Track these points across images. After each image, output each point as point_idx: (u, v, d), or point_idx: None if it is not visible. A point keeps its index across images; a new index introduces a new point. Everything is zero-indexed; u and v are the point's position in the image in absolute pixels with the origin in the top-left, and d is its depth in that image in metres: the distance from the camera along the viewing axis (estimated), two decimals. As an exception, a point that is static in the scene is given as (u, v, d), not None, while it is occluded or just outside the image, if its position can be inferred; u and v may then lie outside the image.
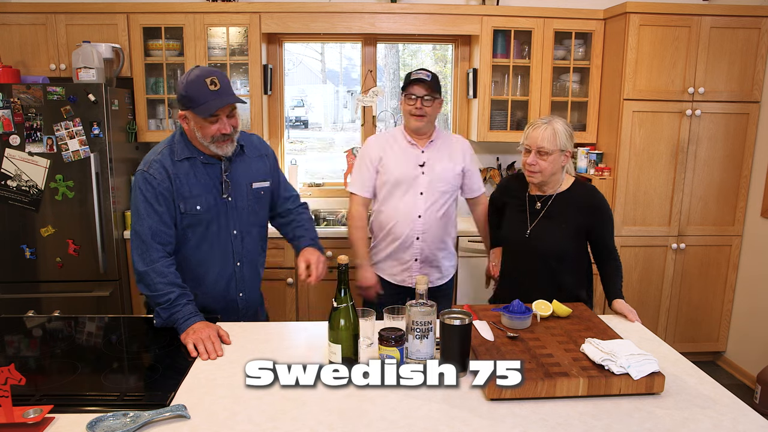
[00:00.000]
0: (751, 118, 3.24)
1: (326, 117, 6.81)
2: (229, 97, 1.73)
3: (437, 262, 2.43)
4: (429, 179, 2.33)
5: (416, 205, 2.33)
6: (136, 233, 1.76)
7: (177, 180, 1.78)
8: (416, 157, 2.35)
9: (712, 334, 3.49)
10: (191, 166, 1.81)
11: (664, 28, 3.12)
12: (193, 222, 1.82)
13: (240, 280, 1.95)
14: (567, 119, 3.45)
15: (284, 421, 1.25)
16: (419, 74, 2.29)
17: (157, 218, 1.75)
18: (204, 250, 1.87)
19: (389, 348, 1.44)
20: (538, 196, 2.07)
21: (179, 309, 1.69)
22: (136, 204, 1.78)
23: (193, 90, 1.70)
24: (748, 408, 1.33)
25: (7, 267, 3.00)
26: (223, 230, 1.88)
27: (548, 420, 1.26)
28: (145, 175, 1.77)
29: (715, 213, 3.34)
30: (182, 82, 1.73)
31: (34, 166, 2.92)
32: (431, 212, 2.34)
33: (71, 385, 1.42)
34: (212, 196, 1.84)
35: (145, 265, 1.73)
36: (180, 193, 1.79)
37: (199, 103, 1.70)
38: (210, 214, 1.84)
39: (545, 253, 2.02)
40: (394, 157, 2.35)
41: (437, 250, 2.40)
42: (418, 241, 2.35)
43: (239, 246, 1.92)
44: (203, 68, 1.76)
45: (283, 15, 3.27)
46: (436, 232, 2.37)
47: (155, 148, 1.85)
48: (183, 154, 1.81)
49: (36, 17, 3.19)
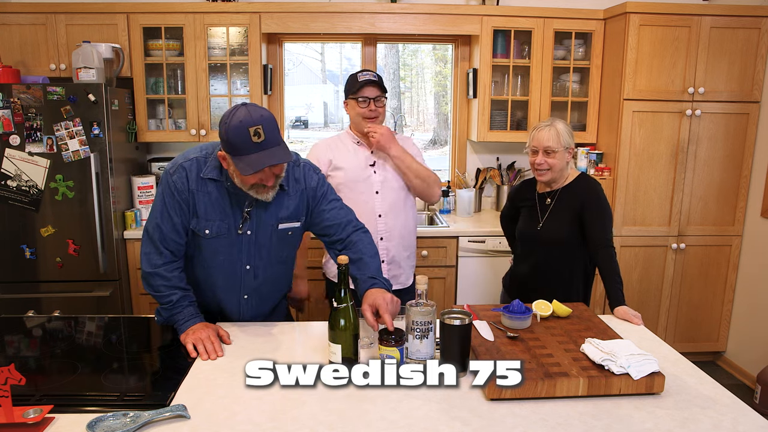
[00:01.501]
0: (751, 118, 3.24)
1: (326, 117, 6.81)
2: (276, 155, 1.53)
3: (404, 262, 2.38)
4: (382, 178, 2.30)
5: (374, 204, 2.29)
6: (148, 233, 1.71)
7: (196, 196, 1.67)
8: (366, 157, 2.32)
9: (712, 334, 3.49)
10: (215, 188, 1.68)
11: (664, 28, 3.12)
12: (199, 243, 1.73)
13: (245, 309, 1.85)
14: (567, 119, 3.46)
15: (284, 421, 1.25)
16: (366, 75, 2.25)
17: (170, 225, 1.68)
18: (208, 273, 1.78)
19: (389, 348, 1.44)
20: (547, 192, 2.23)
21: (180, 310, 1.69)
22: (155, 203, 1.72)
23: (235, 137, 1.51)
24: (748, 408, 1.33)
25: (7, 267, 3.00)
26: (235, 262, 1.75)
27: (548, 420, 1.26)
28: (169, 179, 1.67)
29: (715, 213, 3.34)
30: (224, 123, 1.54)
31: (34, 166, 2.92)
32: (391, 211, 2.31)
33: (71, 385, 1.42)
34: (226, 226, 1.70)
35: (150, 267, 1.70)
36: (195, 209, 1.68)
37: (240, 153, 1.52)
38: (219, 242, 1.72)
39: (551, 241, 2.18)
40: (343, 158, 2.31)
41: (403, 249, 2.36)
42: (383, 242, 2.30)
43: (250, 281, 1.79)
44: (249, 110, 1.53)
45: (283, 15, 3.27)
46: (401, 230, 2.33)
47: (189, 151, 1.72)
48: (211, 174, 1.67)
49: (36, 17, 3.19)
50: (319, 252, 2.93)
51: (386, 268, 2.34)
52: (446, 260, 3.23)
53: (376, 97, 2.26)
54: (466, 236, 3.22)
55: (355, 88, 2.26)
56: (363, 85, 2.24)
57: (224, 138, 1.55)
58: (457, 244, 3.22)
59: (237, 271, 1.77)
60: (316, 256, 3.16)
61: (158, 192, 1.72)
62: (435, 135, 5.47)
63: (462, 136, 3.81)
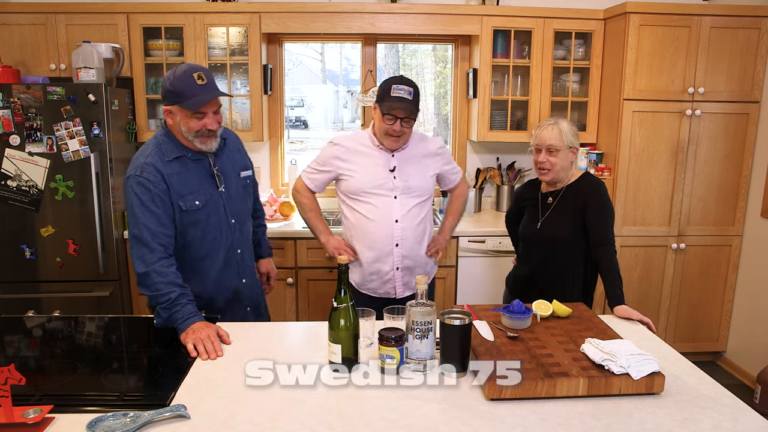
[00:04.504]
0: (751, 118, 3.24)
1: (326, 117, 6.80)
2: (215, 91, 1.80)
3: (419, 270, 2.31)
4: (401, 183, 2.21)
5: (392, 209, 2.21)
6: (135, 237, 1.76)
7: (171, 179, 1.81)
8: (386, 161, 2.22)
9: (712, 334, 3.49)
10: (182, 165, 1.84)
11: (664, 28, 3.12)
12: (194, 218, 1.85)
13: (242, 266, 2.01)
14: (567, 119, 3.45)
15: (284, 421, 1.25)
16: (400, 91, 2.08)
17: (155, 220, 1.76)
18: (207, 244, 1.90)
19: (389, 348, 1.44)
20: (550, 192, 2.23)
21: (179, 309, 1.69)
22: (131, 209, 1.78)
23: (181, 84, 1.75)
24: (748, 408, 1.33)
25: (7, 267, 3.00)
26: (222, 221, 1.93)
27: (548, 420, 1.26)
28: (138, 179, 1.78)
29: (715, 213, 3.34)
30: (169, 78, 1.78)
31: (34, 166, 2.92)
32: (408, 217, 2.23)
33: (71, 385, 1.42)
34: (207, 191, 1.88)
35: (145, 266, 1.73)
36: (177, 192, 1.81)
37: (186, 97, 1.75)
38: (209, 207, 1.88)
39: (551, 240, 2.17)
40: (363, 162, 2.22)
41: (417, 257, 2.29)
42: (398, 248, 2.23)
43: (238, 234, 1.98)
44: (189, 64, 1.82)
45: (283, 15, 3.27)
46: (415, 237, 2.26)
47: (142, 151, 1.86)
48: (172, 153, 1.84)
49: (36, 17, 3.19)
50: (319, 252, 2.94)
51: (399, 274, 2.26)
52: (446, 260, 3.23)
53: (404, 118, 2.11)
54: (466, 236, 3.22)
55: (386, 103, 2.09)
56: (394, 101, 2.08)
57: (170, 89, 1.77)
58: (457, 244, 3.22)
59: (228, 229, 1.95)
60: (316, 256, 3.17)
61: (129, 199, 1.79)
62: (435, 135, 5.47)
63: (462, 136, 3.81)
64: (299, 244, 3.16)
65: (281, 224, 3.28)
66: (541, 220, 2.21)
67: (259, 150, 3.71)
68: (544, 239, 2.19)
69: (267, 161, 3.74)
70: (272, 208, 3.40)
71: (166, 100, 1.80)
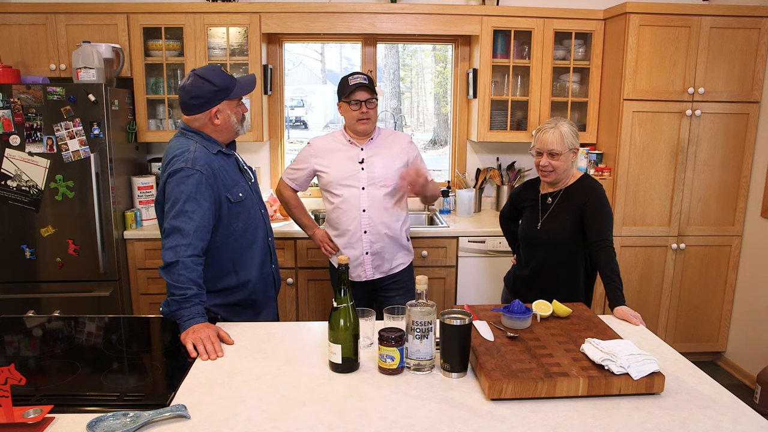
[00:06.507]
0: (751, 118, 3.24)
1: (326, 117, 6.81)
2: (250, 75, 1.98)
3: (388, 255, 2.51)
4: (369, 175, 2.44)
5: (359, 200, 2.43)
6: (175, 228, 1.75)
7: (219, 172, 1.88)
8: (356, 155, 2.46)
9: (712, 334, 3.49)
10: (222, 159, 1.93)
11: (664, 28, 3.12)
12: (238, 210, 1.94)
13: (273, 253, 2.13)
14: (567, 119, 3.45)
15: (284, 421, 1.25)
16: (357, 79, 2.38)
17: (201, 213, 1.79)
18: (250, 234, 1.99)
19: (389, 348, 1.44)
20: (549, 192, 2.24)
21: (189, 307, 1.70)
22: (177, 202, 1.77)
23: (222, 81, 1.85)
24: (748, 408, 1.33)
25: (7, 267, 3.00)
26: (257, 212, 2.04)
27: (548, 420, 1.26)
28: (190, 171, 1.79)
29: (715, 213, 3.34)
30: (207, 80, 1.84)
31: (34, 166, 2.92)
32: (375, 207, 2.44)
33: (71, 385, 1.42)
34: (244, 183, 2.00)
35: (176, 256, 1.73)
36: (224, 184, 1.89)
37: (232, 87, 1.87)
38: (249, 199, 1.99)
39: (550, 240, 2.19)
40: (335, 157, 2.48)
41: (386, 243, 2.48)
42: (366, 235, 2.45)
43: (268, 221, 2.12)
44: (207, 66, 1.91)
45: (283, 15, 3.27)
46: (382, 226, 2.45)
47: (186, 147, 1.86)
48: (214, 148, 1.91)
49: (36, 17, 3.19)
50: (320, 252, 2.93)
51: (369, 258, 2.49)
52: (446, 260, 3.23)
53: (367, 100, 2.39)
54: (466, 236, 3.22)
55: (347, 92, 2.38)
56: (354, 89, 2.37)
57: (215, 89, 1.84)
58: (457, 245, 3.23)
59: (261, 218, 2.05)
60: (316, 256, 3.17)
61: (177, 193, 1.78)
62: (435, 135, 5.47)
63: (462, 136, 3.81)
64: (299, 244, 3.16)
65: (281, 224, 3.28)
66: (540, 220, 2.23)
67: (259, 150, 3.71)
68: (544, 240, 2.21)
69: (267, 161, 3.75)
70: (272, 208, 3.41)
71: (211, 102, 1.86)
